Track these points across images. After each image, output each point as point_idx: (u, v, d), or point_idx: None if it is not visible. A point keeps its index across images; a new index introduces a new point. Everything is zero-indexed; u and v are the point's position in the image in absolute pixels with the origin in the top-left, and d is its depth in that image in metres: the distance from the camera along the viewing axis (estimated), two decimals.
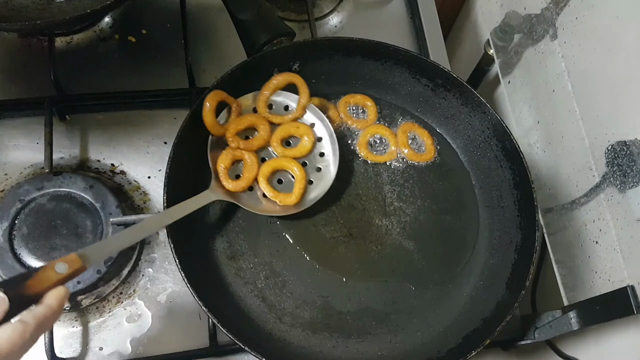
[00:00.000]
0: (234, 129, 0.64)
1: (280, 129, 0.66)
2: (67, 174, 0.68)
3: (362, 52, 0.70)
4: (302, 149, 0.66)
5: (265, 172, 0.64)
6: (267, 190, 0.63)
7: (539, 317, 0.69)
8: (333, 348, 0.62)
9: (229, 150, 0.64)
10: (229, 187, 0.62)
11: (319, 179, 0.66)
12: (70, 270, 0.44)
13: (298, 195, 0.63)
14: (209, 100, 0.63)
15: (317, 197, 0.65)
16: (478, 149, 0.71)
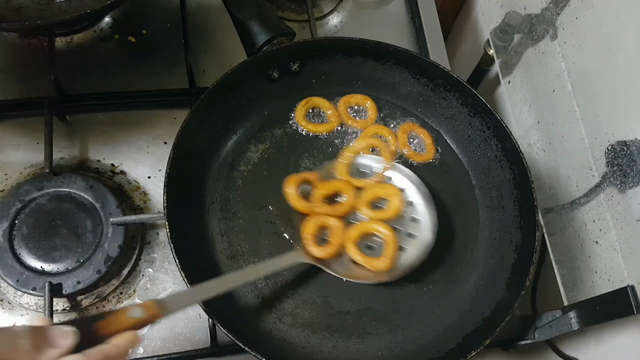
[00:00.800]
0: (318, 195, 0.63)
1: (367, 192, 0.63)
2: (67, 174, 0.68)
3: (362, 52, 0.70)
4: (392, 211, 0.62)
5: (353, 237, 0.61)
6: (355, 255, 0.60)
7: (539, 317, 0.69)
8: (333, 348, 0.62)
9: (315, 218, 0.61)
10: (316, 255, 0.60)
11: (411, 246, 0.62)
12: (146, 315, 0.43)
13: (389, 259, 0.59)
14: (289, 188, 0.62)
15: (412, 266, 0.61)
16: (478, 149, 0.71)
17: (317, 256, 0.60)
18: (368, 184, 0.64)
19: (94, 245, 0.66)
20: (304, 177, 0.64)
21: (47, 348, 0.36)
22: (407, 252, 0.62)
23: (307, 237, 0.60)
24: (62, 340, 0.37)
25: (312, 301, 0.63)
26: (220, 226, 0.66)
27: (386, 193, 0.63)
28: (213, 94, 0.65)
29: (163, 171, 0.61)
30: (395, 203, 0.62)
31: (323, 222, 0.61)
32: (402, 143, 0.70)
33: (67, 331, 0.37)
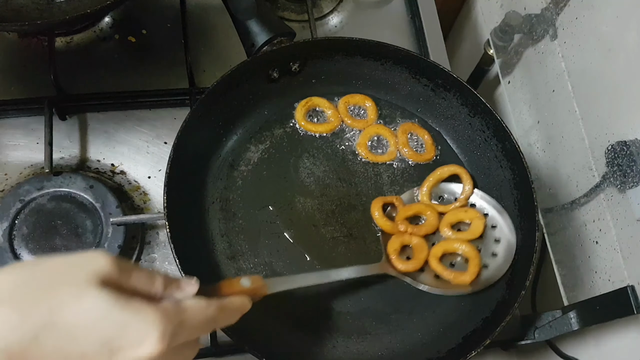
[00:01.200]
0: (402, 215, 0.65)
1: (449, 215, 0.66)
2: (67, 174, 0.69)
3: (362, 52, 0.70)
4: (474, 231, 0.64)
5: (436, 253, 0.63)
6: (438, 269, 0.62)
7: (539, 317, 0.69)
8: (333, 348, 0.62)
9: (398, 235, 0.64)
10: (401, 269, 0.62)
11: (495, 263, 0.63)
12: (253, 285, 0.48)
13: (473, 274, 0.61)
14: (375, 209, 0.66)
15: (494, 279, 0.63)
16: (478, 149, 0.71)
17: (403, 270, 0.62)
18: (450, 209, 0.66)
19: (94, 245, 0.66)
20: (388, 200, 0.67)
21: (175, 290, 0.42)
22: (489, 269, 0.63)
23: (392, 253, 0.63)
24: (188, 287, 0.43)
25: (312, 301, 0.63)
26: (220, 226, 0.65)
27: (469, 216, 0.65)
28: (213, 94, 0.65)
29: (163, 171, 0.61)
30: (477, 224, 0.64)
31: (407, 241, 0.64)
32: (402, 143, 0.70)
33: (192, 282, 0.43)
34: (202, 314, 0.42)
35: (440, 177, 0.68)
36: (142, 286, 0.40)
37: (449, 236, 0.64)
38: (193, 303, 0.42)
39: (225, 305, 0.44)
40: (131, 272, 0.40)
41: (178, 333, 0.39)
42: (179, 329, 0.39)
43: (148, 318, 0.37)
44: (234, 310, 0.46)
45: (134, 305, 0.37)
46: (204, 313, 0.42)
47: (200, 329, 0.42)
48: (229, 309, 0.45)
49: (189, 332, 0.40)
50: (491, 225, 0.66)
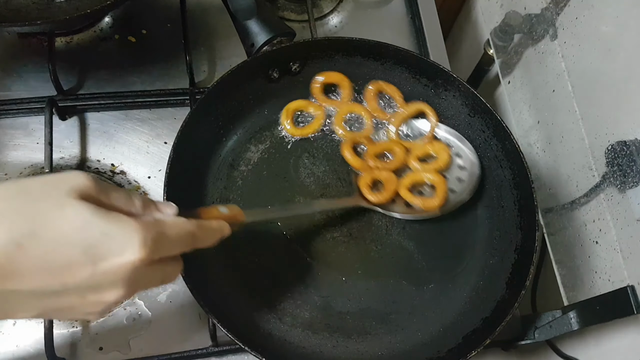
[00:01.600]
0: (372, 153, 0.68)
1: (416, 149, 0.69)
2: None
3: (362, 52, 0.70)
4: (441, 162, 0.68)
5: (405, 183, 0.67)
6: (408, 197, 0.66)
7: (539, 317, 0.69)
8: (333, 348, 0.62)
9: (368, 173, 0.67)
10: (373, 200, 0.66)
11: (461, 188, 0.68)
12: (231, 213, 0.50)
13: (441, 198, 0.66)
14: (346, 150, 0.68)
15: (461, 202, 0.67)
16: (478, 149, 0.71)
17: (374, 202, 0.66)
18: (417, 144, 0.70)
19: None
20: (357, 140, 0.69)
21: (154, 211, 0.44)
22: (456, 194, 0.68)
23: (364, 187, 0.66)
24: (166, 208, 0.45)
25: (312, 301, 0.63)
26: None
27: (434, 149, 0.69)
28: (213, 94, 0.66)
29: (163, 171, 0.61)
30: (444, 156, 0.68)
31: (377, 175, 0.67)
32: (372, 108, 0.71)
33: (171, 204, 0.45)
34: (181, 227, 0.43)
35: (406, 116, 0.70)
36: (121, 205, 0.41)
37: (417, 168, 0.68)
38: (172, 218, 0.44)
39: (204, 225, 0.46)
40: (110, 191, 0.41)
41: (159, 243, 0.40)
42: (159, 239, 0.40)
43: (129, 227, 0.39)
44: (213, 230, 0.48)
45: (115, 216, 0.39)
46: (183, 227, 0.43)
47: (181, 243, 0.44)
48: (208, 228, 0.47)
49: (169, 244, 0.42)
50: (456, 154, 0.69)
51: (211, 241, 0.48)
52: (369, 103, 0.71)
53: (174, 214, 0.45)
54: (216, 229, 0.48)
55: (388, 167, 0.68)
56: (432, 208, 0.66)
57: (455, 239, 0.68)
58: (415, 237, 0.68)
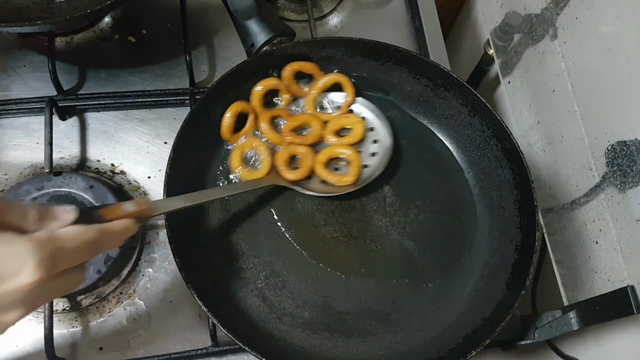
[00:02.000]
0: (289, 127, 0.68)
1: (332, 122, 0.69)
2: (67, 174, 0.69)
3: (362, 52, 0.70)
4: (355, 135, 0.69)
5: (321, 160, 0.67)
6: (324, 174, 0.67)
7: (539, 317, 0.69)
8: (333, 348, 0.62)
9: (285, 148, 0.67)
10: (290, 178, 0.66)
11: (374, 162, 0.68)
12: (137, 208, 0.48)
13: (355, 175, 0.66)
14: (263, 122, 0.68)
15: (373, 176, 0.67)
16: (478, 149, 0.71)
17: (291, 179, 0.66)
18: (333, 116, 0.70)
19: None
20: (275, 113, 0.69)
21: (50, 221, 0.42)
22: (370, 168, 0.68)
23: (281, 164, 0.66)
24: (64, 215, 0.43)
25: (312, 301, 0.63)
26: (220, 226, 0.66)
27: (349, 122, 0.69)
28: (213, 94, 0.66)
29: (163, 171, 0.61)
30: (358, 129, 0.69)
31: (294, 151, 0.67)
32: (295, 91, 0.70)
33: (68, 209, 0.43)
34: (80, 238, 0.41)
35: (323, 87, 0.70)
36: (15, 220, 0.40)
37: (333, 142, 0.68)
38: (69, 229, 0.42)
39: (106, 229, 0.44)
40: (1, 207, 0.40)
41: (56, 259, 0.39)
42: (56, 256, 0.39)
43: (22, 249, 0.37)
44: (117, 233, 0.45)
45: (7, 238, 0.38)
46: (82, 237, 0.42)
47: (81, 254, 0.42)
48: (111, 232, 0.45)
49: (69, 258, 0.41)
50: (370, 128, 0.70)
51: (115, 244, 0.46)
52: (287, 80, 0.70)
53: (73, 220, 0.43)
54: (120, 231, 0.46)
55: (305, 142, 0.68)
56: (347, 184, 0.66)
57: (455, 239, 0.68)
58: (415, 237, 0.68)
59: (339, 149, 0.68)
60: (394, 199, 0.69)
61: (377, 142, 0.69)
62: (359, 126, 0.69)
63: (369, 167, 0.68)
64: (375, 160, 0.68)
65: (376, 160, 0.68)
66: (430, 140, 0.73)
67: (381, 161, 0.68)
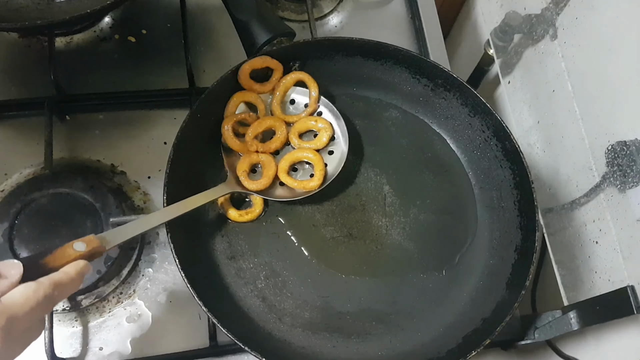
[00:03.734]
0: (252, 133, 0.66)
1: (298, 124, 0.68)
2: (67, 174, 0.68)
3: (362, 52, 0.70)
4: (320, 142, 0.67)
5: (284, 168, 0.66)
6: (289, 182, 0.66)
7: (539, 317, 0.69)
8: (333, 348, 0.62)
9: (246, 156, 0.66)
10: (252, 188, 0.64)
11: (332, 161, 0.68)
12: (89, 248, 0.46)
13: (319, 179, 0.66)
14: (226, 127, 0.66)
15: (334, 175, 0.66)
16: (478, 149, 0.71)
17: (253, 189, 0.64)
18: (299, 118, 0.68)
19: None
20: (240, 117, 0.67)
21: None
22: (329, 167, 0.67)
23: (241, 174, 0.64)
24: (10, 271, 0.40)
25: (312, 301, 0.63)
26: (220, 226, 0.66)
27: (316, 127, 0.68)
28: (213, 94, 0.65)
29: (163, 171, 0.61)
30: (324, 135, 0.67)
31: (255, 160, 0.66)
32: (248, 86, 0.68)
33: (13, 263, 0.41)
34: (31, 300, 0.40)
35: (286, 86, 0.69)
36: None
37: (297, 145, 0.67)
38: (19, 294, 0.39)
39: (58, 280, 0.42)
40: None
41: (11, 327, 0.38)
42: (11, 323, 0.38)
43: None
44: (71, 281, 0.43)
45: None
46: (33, 299, 0.40)
47: (36, 313, 0.40)
48: (64, 282, 0.43)
49: (23, 321, 0.39)
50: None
51: (71, 291, 0.44)
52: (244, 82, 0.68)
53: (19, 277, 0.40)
54: (73, 277, 0.43)
55: (269, 150, 0.66)
56: (312, 189, 0.65)
57: (455, 239, 0.68)
58: (415, 237, 0.68)
59: (302, 154, 0.67)
60: (394, 199, 0.69)
61: (334, 139, 0.69)
62: (325, 133, 0.67)
63: (328, 166, 0.67)
64: (334, 159, 0.68)
65: (335, 159, 0.68)
66: (430, 140, 0.73)
67: (339, 159, 0.67)
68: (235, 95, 0.67)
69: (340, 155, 0.68)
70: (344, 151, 0.68)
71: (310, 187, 0.65)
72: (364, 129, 0.72)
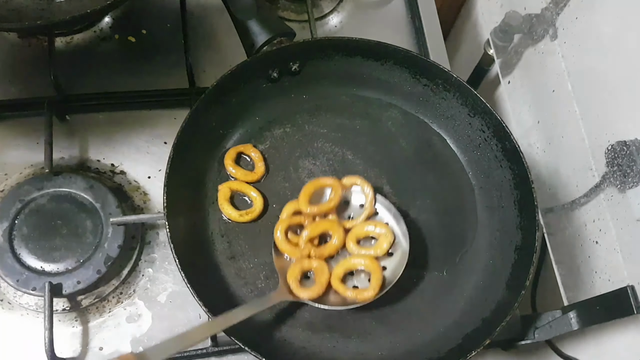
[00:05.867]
0: (308, 236, 0.62)
1: (356, 229, 0.63)
2: (67, 174, 0.69)
3: (362, 52, 0.70)
4: (381, 248, 0.62)
5: (338, 275, 0.61)
6: (342, 291, 0.60)
7: (539, 317, 0.69)
8: (333, 348, 0.62)
9: (298, 261, 0.61)
10: (303, 297, 0.60)
11: (392, 263, 0.63)
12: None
13: (376, 288, 0.60)
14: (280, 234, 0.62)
15: (393, 281, 0.61)
16: (478, 149, 0.71)
17: (304, 298, 0.60)
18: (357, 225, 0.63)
19: (94, 245, 0.66)
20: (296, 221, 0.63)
21: None
22: (388, 270, 0.62)
23: (292, 282, 0.60)
24: None
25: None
26: (220, 226, 0.65)
27: (376, 232, 0.63)
28: (213, 94, 0.65)
29: (163, 171, 0.61)
30: (384, 241, 0.62)
31: (308, 267, 0.61)
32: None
33: None
34: None
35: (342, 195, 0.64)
36: None
37: (355, 252, 0.62)
38: None
39: None
40: None
41: None
42: None
43: None
44: None
45: None
46: None
47: None
48: None
49: None
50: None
51: None
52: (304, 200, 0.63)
53: None
54: None
55: (322, 254, 0.61)
56: (368, 300, 0.60)
57: (455, 239, 0.68)
58: (415, 237, 0.68)
59: (359, 260, 0.61)
60: (394, 199, 0.69)
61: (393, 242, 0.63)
62: (385, 240, 0.62)
63: (387, 270, 0.62)
64: (393, 261, 0.63)
65: (394, 261, 0.63)
66: (430, 140, 0.73)
67: (401, 262, 0.62)
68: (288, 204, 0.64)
69: (401, 256, 0.62)
70: (405, 251, 0.62)
71: (365, 297, 0.60)
72: (364, 129, 0.72)
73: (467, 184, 0.71)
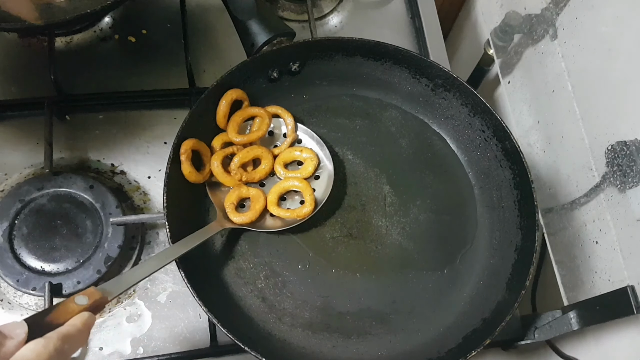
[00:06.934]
0: (239, 161, 0.65)
1: (283, 155, 0.67)
2: (67, 174, 0.69)
3: (362, 52, 0.70)
4: (307, 171, 0.66)
5: (273, 200, 0.65)
6: (281, 214, 0.64)
7: (539, 317, 0.69)
8: (333, 348, 0.62)
9: (234, 190, 0.64)
10: (239, 222, 0.63)
11: (320, 185, 0.67)
12: (91, 301, 0.46)
13: (311, 204, 0.64)
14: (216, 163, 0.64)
15: (324, 199, 0.66)
16: (478, 149, 0.71)
17: (240, 224, 0.63)
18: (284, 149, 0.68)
19: (94, 245, 0.66)
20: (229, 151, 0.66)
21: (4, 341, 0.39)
22: (317, 191, 0.66)
23: (229, 207, 0.63)
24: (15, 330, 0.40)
25: (312, 301, 0.63)
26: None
27: (301, 157, 0.67)
28: (213, 94, 0.66)
29: (163, 171, 0.61)
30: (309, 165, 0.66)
31: (243, 194, 0.65)
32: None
33: (17, 323, 0.40)
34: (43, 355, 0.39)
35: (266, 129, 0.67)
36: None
37: (284, 176, 0.66)
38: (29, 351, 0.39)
39: (65, 334, 0.42)
40: None
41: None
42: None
43: None
44: (79, 332, 0.43)
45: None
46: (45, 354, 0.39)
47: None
48: (72, 335, 0.42)
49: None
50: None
51: (81, 344, 0.43)
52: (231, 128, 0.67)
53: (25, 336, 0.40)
54: (80, 329, 0.43)
55: (253, 178, 0.65)
56: (305, 216, 0.64)
57: (455, 239, 0.68)
58: (415, 237, 0.68)
59: (290, 184, 0.66)
60: (394, 199, 0.69)
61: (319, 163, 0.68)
62: (311, 162, 0.66)
63: (317, 191, 0.66)
64: (321, 183, 0.67)
65: (321, 183, 0.67)
66: (430, 140, 0.73)
67: (327, 183, 0.67)
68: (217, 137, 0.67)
69: (328, 178, 0.67)
70: (330, 173, 0.67)
71: (304, 214, 0.64)
72: (364, 129, 0.72)
73: (467, 184, 0.71)
